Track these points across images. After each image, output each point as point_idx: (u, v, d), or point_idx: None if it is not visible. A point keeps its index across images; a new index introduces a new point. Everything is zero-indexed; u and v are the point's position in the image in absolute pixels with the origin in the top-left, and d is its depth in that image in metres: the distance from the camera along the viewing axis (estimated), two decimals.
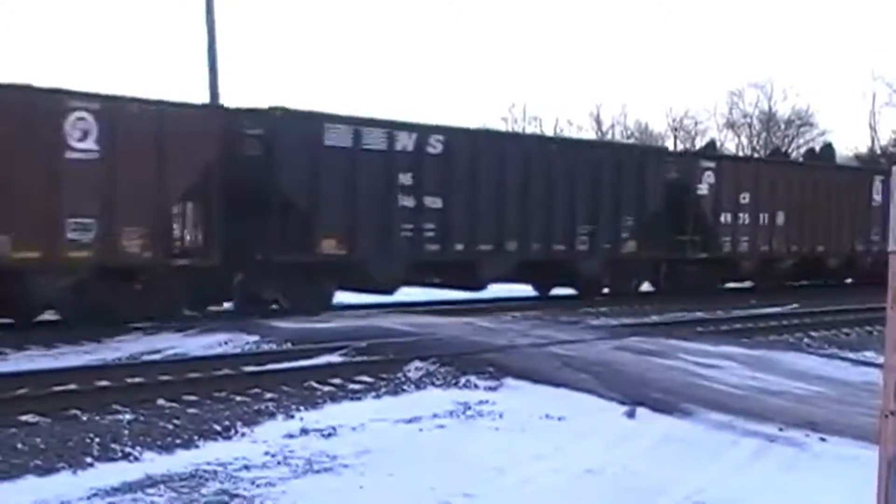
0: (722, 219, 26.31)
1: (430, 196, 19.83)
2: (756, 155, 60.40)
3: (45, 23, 77.74)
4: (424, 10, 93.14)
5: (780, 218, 27.75)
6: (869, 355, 15.35)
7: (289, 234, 18.01)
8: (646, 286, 26.23)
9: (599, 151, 25.88)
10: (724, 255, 26.51)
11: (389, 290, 20.06)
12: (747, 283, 28.83)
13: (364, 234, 18.87)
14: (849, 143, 65.93)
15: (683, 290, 24.97)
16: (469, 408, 10.26)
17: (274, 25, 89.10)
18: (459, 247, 20.41)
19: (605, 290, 24.20)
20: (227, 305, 18.59)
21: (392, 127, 19.54)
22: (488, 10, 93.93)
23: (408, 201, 19.51)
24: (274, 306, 18.66)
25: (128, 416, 9.47)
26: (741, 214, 26.78)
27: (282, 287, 18.59)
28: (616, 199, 23.48)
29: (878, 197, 29.84)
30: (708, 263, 26.10)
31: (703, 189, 25.91)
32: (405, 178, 19.41)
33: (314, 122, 18.47)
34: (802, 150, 61.72)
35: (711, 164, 26.60)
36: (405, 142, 19.48)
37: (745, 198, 26.79)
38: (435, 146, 19.90)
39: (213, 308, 18.13)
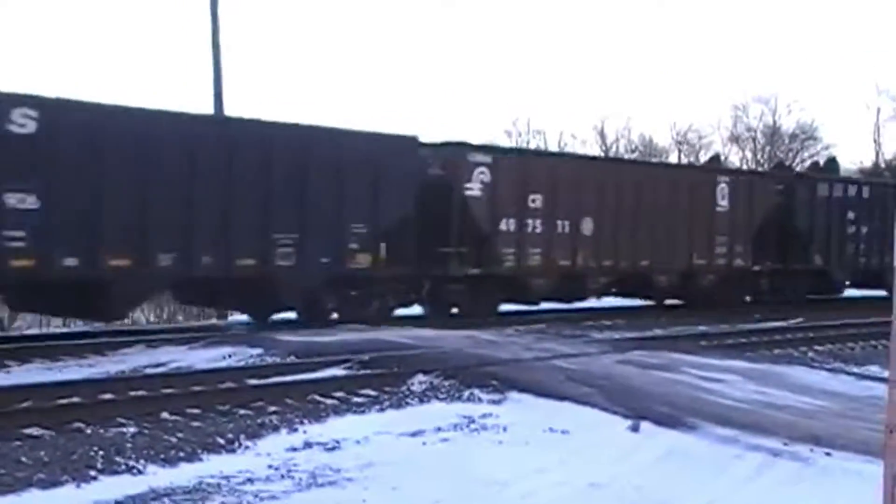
0: (502, 226, 21.71)
1: None
2: (760, 166, 60.35)
3: (45, 28, 78.00)
4: (429, 23, 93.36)
5: (588, 226, 23.14)
6: (874, 370, 15.31)
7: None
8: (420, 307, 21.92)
9: (326, 140, 19.30)
10: (505, 271, 21.91)
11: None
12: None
13: None
14: (853, 157, 65.95)
15: (449, 312, 21.38)
16: (473, 421, 10.25)
17: (278, 34, 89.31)
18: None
19: (334, 316, 19.47)
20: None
21: None
22: (493, 24, 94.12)
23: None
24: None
25: (132, 430, 9.47)
26: (530, 221, 22.17)
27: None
28: (338, 201, 19.04)
29: (724, 202, 26.01)
30: (484, 281, 21.63)
31: (473, 189, 21.23)
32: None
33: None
34: (807, 164, 61.76)
35: (486, 159, 21.63)
36: None
37: (535, 201, 22.21)
38: None
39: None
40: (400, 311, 20.79)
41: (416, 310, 21.49)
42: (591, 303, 24.30)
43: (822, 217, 28.43)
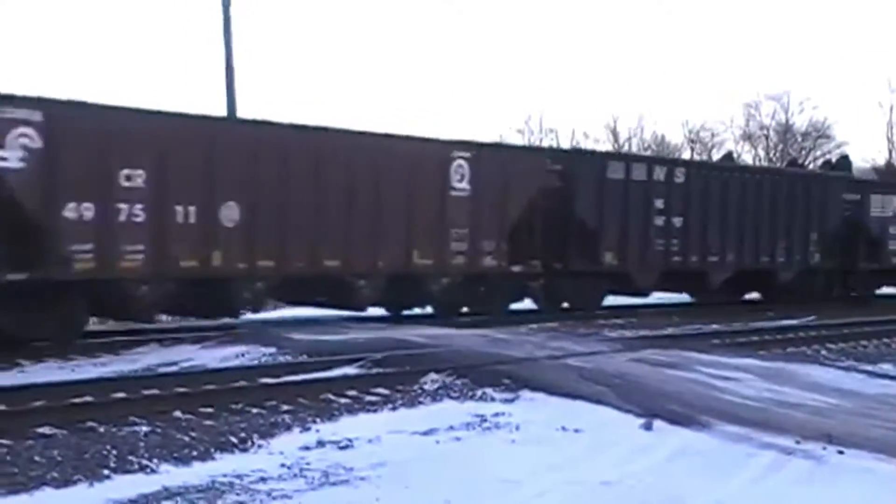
0: (67, 213, 14.79)
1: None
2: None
3: (54, 29, 78.17)
4: (442, 22, 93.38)
5: (232, 214, 16.60)
6: (887, 368, 15.29)
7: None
8: None
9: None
10: (67, 273, 14.92)
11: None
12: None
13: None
14: (866, 155, 65.69)
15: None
16: (485, 420, 10.25)
17: (283, 36, 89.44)
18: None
19: None
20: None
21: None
22: (505, 22, 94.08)
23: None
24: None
25: (144, 428, 9.49)
26: (124, 206, 15.35)
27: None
28: None
29: (462, 185, 19.98)
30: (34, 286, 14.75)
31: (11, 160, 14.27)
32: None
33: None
34: (819, 162, 61.59)
35: (29, 115, 14.44)
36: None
37: (130, 178, 15.25)
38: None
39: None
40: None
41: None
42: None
43: (617, 206, 23.12)
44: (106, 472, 8.02)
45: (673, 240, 24.34)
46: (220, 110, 26.46)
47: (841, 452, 8.75)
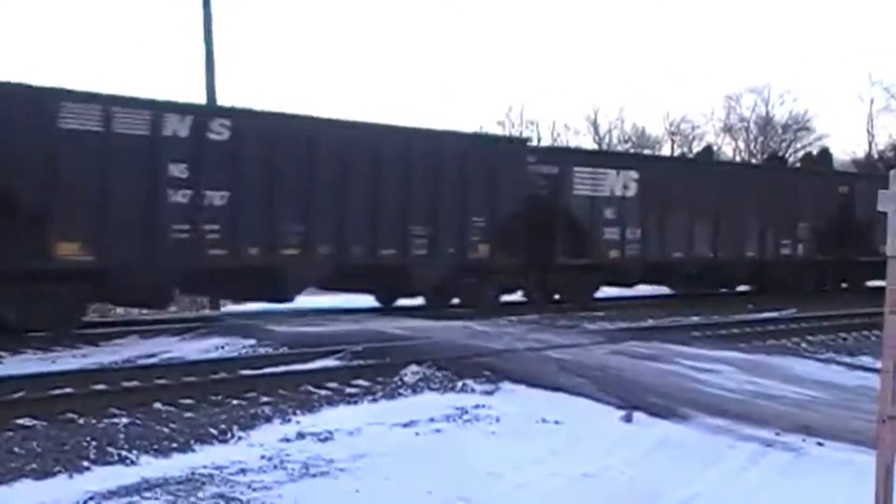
0: None
1: None
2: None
3: (38, 20, 77.66)
4: (421, 13, 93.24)
5: None
6: (866, 360, 15.35)
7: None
8: None
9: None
10: None
11: None
12: None
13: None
14: (846, 148, 66.05)
15: None
16: (465, 412, 10.25)
17: (270, 26, 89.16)
18: None
19: None
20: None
21: None
22: (486, 14, 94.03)
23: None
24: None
25: (124, 420, 9.45)
26: None
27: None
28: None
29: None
30: None
31: None
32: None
33: None
34: (800, 155, 61.84)
35: None
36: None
37: None
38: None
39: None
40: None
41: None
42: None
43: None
44: (86, 463, 7.98)
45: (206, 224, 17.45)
46: (200, 98, 26.36)
47: (820, 444, 8.79)
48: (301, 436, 9.11)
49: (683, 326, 19.62)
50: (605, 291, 25.09)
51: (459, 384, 11.69)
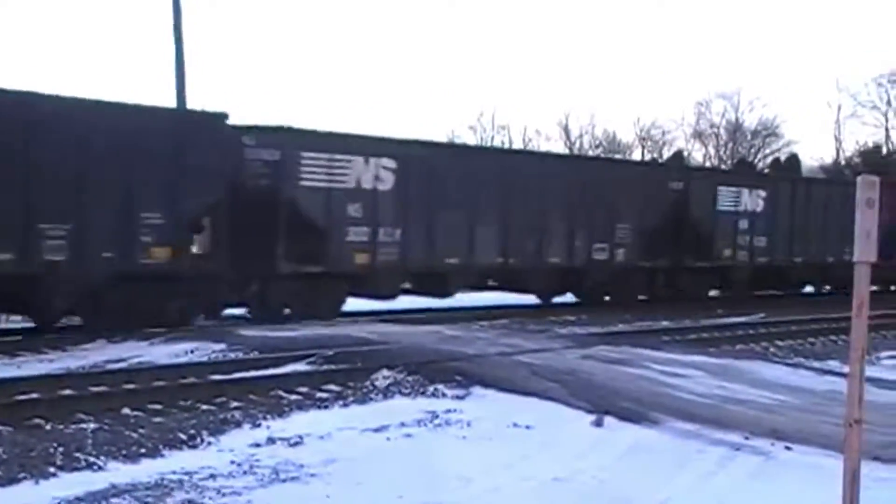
0: None
1: None
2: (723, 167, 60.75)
3: (9, 23, 77.02)
4: (393, 18, 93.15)
5: None
6: (833, 364, 15.47)
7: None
8: None
9: None
10: None
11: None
12: None
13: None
14: (814, 154, 66.55)
15: None
16: (437, 416, 10.24)
17: (241, 32, 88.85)
18: None
19: None
20: None
21: None
22: (458, 18, 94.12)
23: None
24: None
25: (92, 425, 9.38)
26: None
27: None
28: None
29: None
30: None
31: None
32: None
33: None
34: (769, 161, 62.24)
35: None
36: None
37: None
38: None
39: None
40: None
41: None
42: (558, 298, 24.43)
43: None
44: (52, 469, 7.91)
45: None
46: (170, 102, 26.21)
47: (789, 448, 8.85)
48: (271, 441, 9.07)
49: (654, 331, 19.69)
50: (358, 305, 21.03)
51: (431, 389, 11.68)
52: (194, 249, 17.50)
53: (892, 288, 31.02)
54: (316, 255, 19.09)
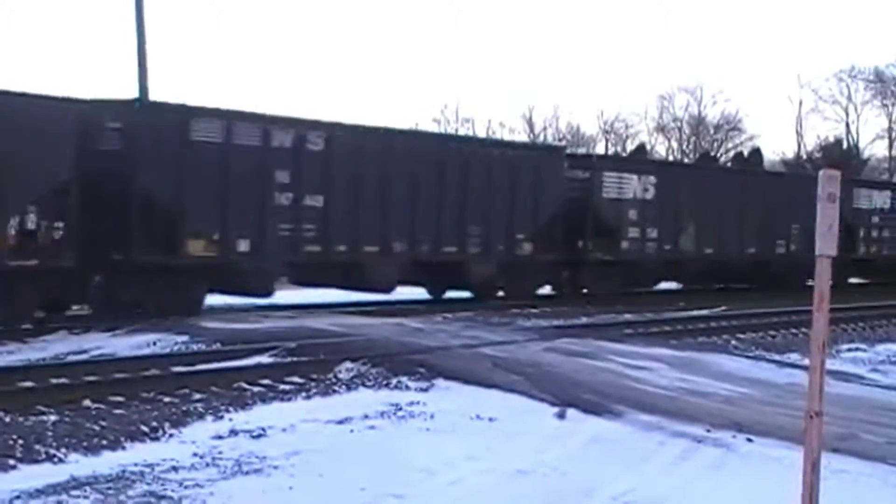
0: None
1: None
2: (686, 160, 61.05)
3: None
4: (358, 9, 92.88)
5: None
6: (794, 357, 15.60)
7: None
8: None
9: None
10: None
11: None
12: None
13: None
14: (776, 148, 67.06)
15: None
16: (400, 409, 10.24)
17: (207, 22, 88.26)
18: None
19: None
20: None
21: None
22: (421, 11, 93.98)
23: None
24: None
25: (52, 418, 9.31)
26: None
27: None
28: None
29: None
30: None
31: None
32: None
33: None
34: (731, 155, 62.66)
35: None
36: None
37: None
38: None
39: None
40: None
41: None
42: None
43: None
44: (12, 462, 7.85)
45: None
46: (132, 93, 26.01)
47: (750, 440, 8.92)
48: (234, 433, 9.04)
49: (617, 324, 19.77)
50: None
51: (394, 381, 11.67)
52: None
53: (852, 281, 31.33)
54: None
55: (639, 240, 25.56)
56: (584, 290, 24.63)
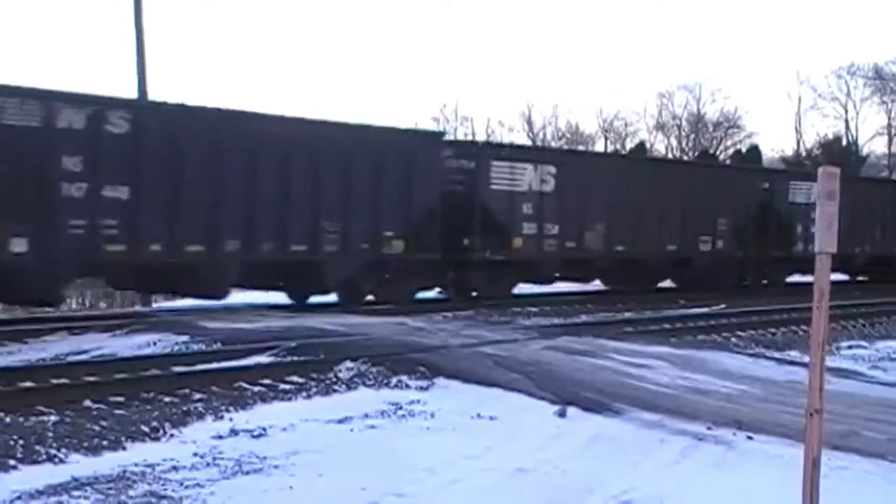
0: None
1: None
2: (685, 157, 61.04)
3: None
4: (357, 8, 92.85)
5: None
6: (794, 354, 15.60)
7: None
8: None
9: None
10: None
11: None
12: None
13: None
14: (775, 145, 67.03)
15: None
16: (400, 408, 10.24)
17: (207, 22, 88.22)
18: None
19: None
20: None
21: None
22: (421, 9, 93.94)
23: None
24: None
25: (53, 418, 9.30)
26: None
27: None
28: None
29: None
30: None
31: None
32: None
33: None
34: (730, 152, 62.68)
35: None
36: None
37: None
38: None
39: None
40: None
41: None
42: (518, 289, 24.19)
43: None
44: (12, 462, 7.84)
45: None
46: (131, 92, 26.00)
47: (750, 438, 8.92)
48: (234, 432, 9.03)
49: (616, 322, 19.76)
50: None
51: (394, 380, 11.67)
52: None
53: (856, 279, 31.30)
54: None
55: (535, 237, 23.31)
56: (474, 293, 22.73)
